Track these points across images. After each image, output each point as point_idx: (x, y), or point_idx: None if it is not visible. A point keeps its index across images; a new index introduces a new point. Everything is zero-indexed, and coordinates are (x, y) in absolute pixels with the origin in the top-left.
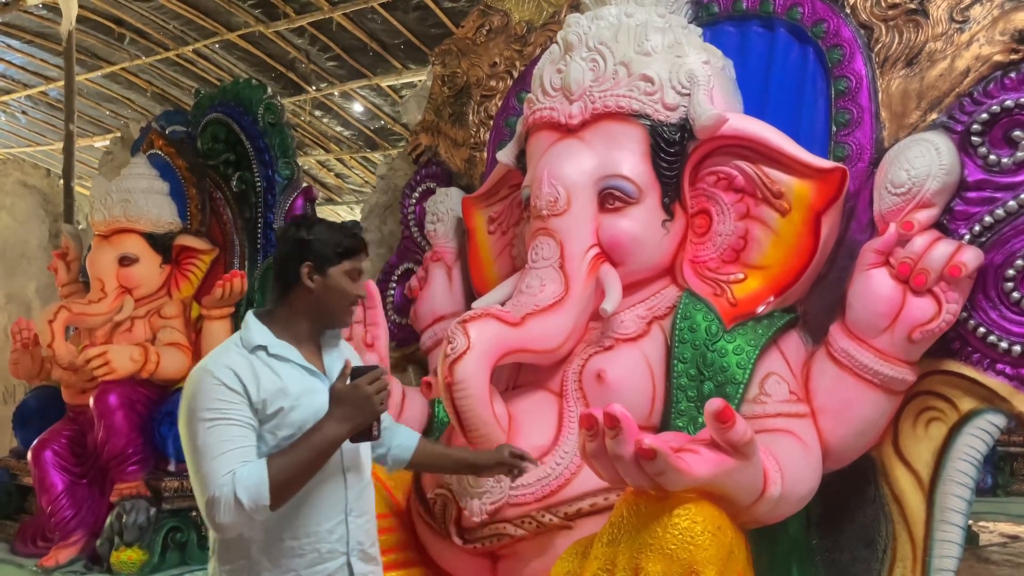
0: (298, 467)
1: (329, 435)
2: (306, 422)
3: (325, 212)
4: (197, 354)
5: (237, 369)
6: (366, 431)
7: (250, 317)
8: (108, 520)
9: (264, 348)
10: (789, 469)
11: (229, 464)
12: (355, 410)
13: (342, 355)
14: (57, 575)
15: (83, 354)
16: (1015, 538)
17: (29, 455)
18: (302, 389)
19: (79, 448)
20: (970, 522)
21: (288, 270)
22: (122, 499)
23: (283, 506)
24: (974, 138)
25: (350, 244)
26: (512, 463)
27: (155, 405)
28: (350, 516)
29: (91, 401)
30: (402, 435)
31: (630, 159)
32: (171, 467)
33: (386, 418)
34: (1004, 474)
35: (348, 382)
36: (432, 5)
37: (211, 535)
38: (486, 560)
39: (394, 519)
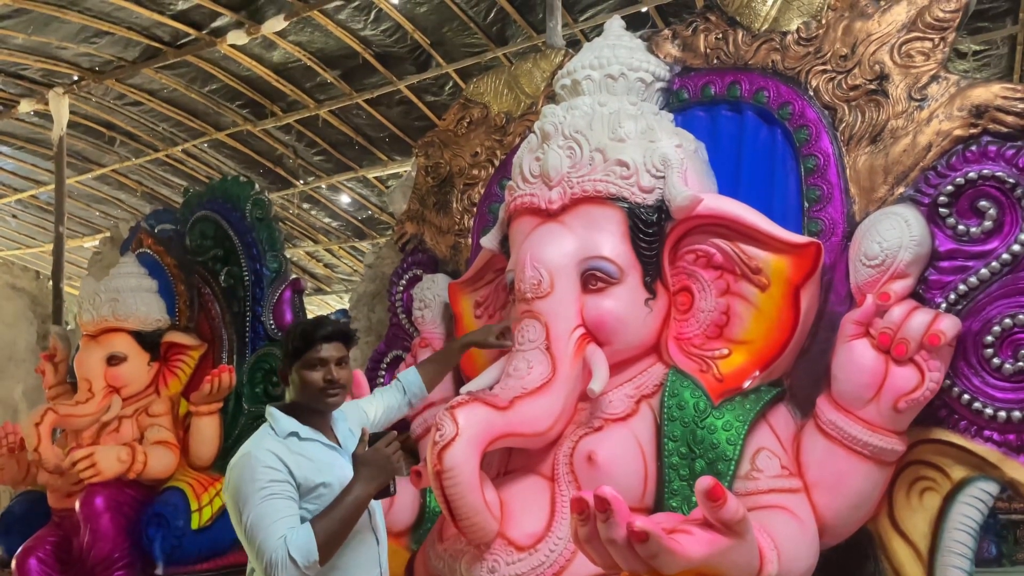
0: (339, 525)
1: (361, 494)
2: (337, 491)
3: (315, 302)
4: (185, 451)
5: (278, 452)
6: (385, 488)
7: (274, 411)
8: None
9: (296, 434)
10: (785, 546)
11: (280, 530)
12: (378, 470)
13: (346, 424)
14: None
15: (69, 457)
16: None
17: (13, 564)
18: (331, 466)
19: (64, 554)
20: None
21: (282, 375)
22: None
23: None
24: (942, 209)
25: (297, 343)
26: (496, 344)
27: (142, 506)
28: (382, 563)
29: (77, 505)
30: (407, 379)
31: (610, 240)
32: (159, 570)
33: (385, 393)
34: (1008, 543)
35: (367, 447)
36: (415, 99)
37: None
38: None
39: None
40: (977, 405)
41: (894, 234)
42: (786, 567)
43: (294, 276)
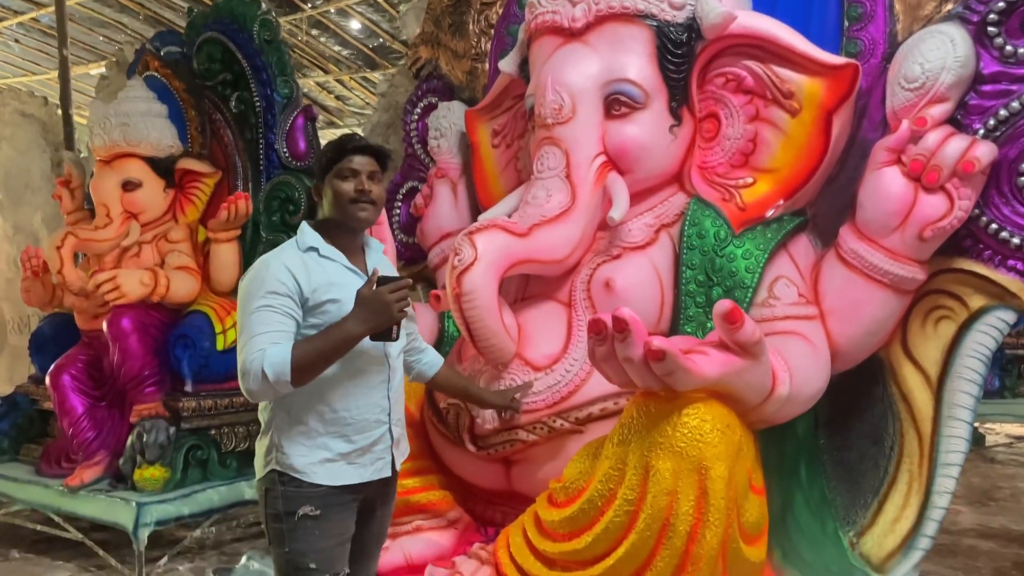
0: (318, 354)
1: (348, 332)
2: (346, 310)
3: (327, 136)
4: (206, 277)
5: (290, 264)
6: (386, 332)
7: (304, 224)
8: (129, 440)
9: (315, 249)
10: (798, 369)
11: (263, 342)
12: (373, 314)
13: (382, 261)
14: (83, 493)
15: (93, 279)
16: (1020, 439)
17: (47, 380)
18: (346, 284)
19: (96, 372)
20: (976, 424)
21: (314, 194)
22: (141, 419)
23: (333, 381)
24: (990, 28)
25: (331, 154)
26: (511, 407)
27: (168, 328)
28: (390, 393)
29: (104, 325)
30: (430, 355)
31: (636, 62)
32: (188, 387)
33: (418, 339)
34: (1011, 376)
35: (374, 288)
36: None
37: (263, 416)
38: (500, 466)
39: (408, 429)
40: (1004, 234)
41: (937, 55)
42: (797, 389)
43: (306, 103)
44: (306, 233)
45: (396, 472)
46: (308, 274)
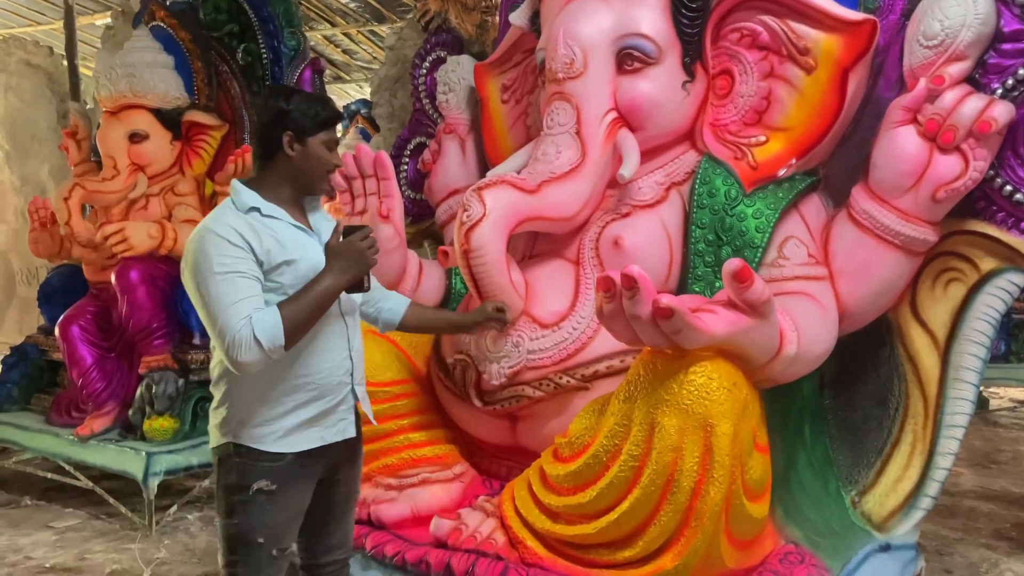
0: (305, 312)
1: (331, 286)
2: (307, 272)
3: (334, 91)
4: None
5: (238, 227)
6: (358, 283)
7: (237, 184)
8: (139, 391)
9: (257, 209)
10: (805, 329)
11: (245, 310)
12: (350, 263)
13: (324, 217)
14: (93, 443)
15: (101, 231)
16: None
17: (56, 331)
18: (297, 244)
19: (105, 323)
20: (980, 387)
21: (270, 138)
22: (150, 371)
23: (294, 347)
24: None
25: (327, 115)
26: (495, 317)
27: (176, 281)
28: (352, 353)
29: (112, 278)
30: (393, 300)
31: (650, 16)
32: (196, 340)
33: (378, 287)
34: (1018, 341)
35: (341, 240)
36: None
37: (217, 388)
38: (506, 421)
39: (414, 384)
40: (1019, 196)
41: (958, 11)
42: (804, 349)
43: (313, 56)
44: (242, 193)
45: (360, 433)
46: (258, 237)
